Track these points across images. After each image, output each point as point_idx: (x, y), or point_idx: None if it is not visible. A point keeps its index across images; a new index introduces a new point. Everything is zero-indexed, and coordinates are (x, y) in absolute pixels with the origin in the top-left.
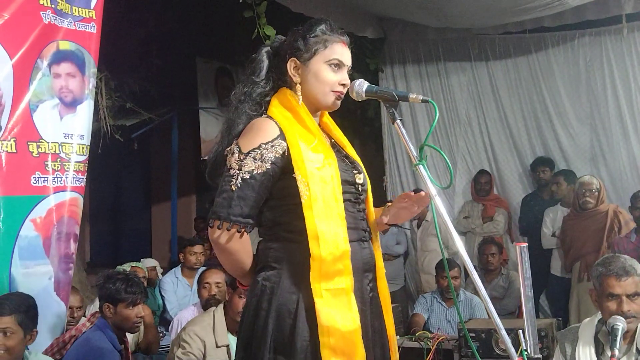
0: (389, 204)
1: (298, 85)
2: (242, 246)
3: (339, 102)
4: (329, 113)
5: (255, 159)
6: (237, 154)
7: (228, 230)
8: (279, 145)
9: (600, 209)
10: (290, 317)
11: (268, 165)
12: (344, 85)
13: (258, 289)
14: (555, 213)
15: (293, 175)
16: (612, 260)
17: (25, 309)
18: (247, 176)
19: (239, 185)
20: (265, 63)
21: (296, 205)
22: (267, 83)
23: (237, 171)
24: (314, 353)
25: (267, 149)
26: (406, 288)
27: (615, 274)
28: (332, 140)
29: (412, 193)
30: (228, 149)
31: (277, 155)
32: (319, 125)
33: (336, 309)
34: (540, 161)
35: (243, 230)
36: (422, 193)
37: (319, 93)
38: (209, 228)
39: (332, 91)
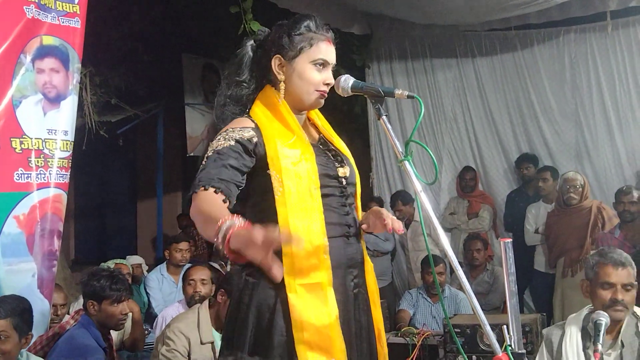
0: (364, 213)
1: (282, 83)
2: (205, 199)
3: (322, 101)
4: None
5: (224, 139)
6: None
7: (195, 192)
8: (247, 132)
9: (584, 205)
10: (269, 312)
11: (232, 142)
12: (328, 84)
13: (242, 283)
14: (537, 209)
15: (268, 172)
16: (609, 251)
17: (20, 312)
18: (211, 153)
19: (204, 161)
20: (249, 56)
21: (272, 201)
22: (251, 82)
23: (208, 153)
24: (291, 348)
25: (233, 131)
26: (393, 284)
27: (612, 263)
28: (321, 135)
29: (390, 221)
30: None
31: (242, 136)
32: (308, 120)
33: (311, 304)
34: (525, 158)
35: (210, 188)
36: (399, 229)
37: (303, 93)
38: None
39: (317, 90)
